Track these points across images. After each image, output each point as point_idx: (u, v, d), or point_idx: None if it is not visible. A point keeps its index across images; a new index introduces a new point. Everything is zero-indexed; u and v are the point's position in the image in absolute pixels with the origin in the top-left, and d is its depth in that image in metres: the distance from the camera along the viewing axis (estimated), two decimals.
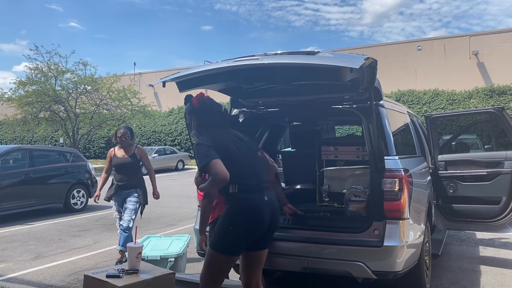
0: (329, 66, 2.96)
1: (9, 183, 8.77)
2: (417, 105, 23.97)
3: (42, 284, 4.68)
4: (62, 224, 8.41)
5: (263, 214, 2.67)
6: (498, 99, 22.33)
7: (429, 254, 4.29)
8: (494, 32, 25.12)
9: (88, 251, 6.14)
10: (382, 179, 3.33)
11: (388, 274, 3.30)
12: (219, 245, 2.68)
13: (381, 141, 3.49)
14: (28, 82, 22.99)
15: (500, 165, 4.95)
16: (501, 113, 4.98)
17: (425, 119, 5.44)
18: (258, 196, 2.69)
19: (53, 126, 26.65)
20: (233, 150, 2.73)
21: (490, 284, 4.43)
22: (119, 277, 2.90)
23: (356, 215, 3.78)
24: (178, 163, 23.21)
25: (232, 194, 2.70)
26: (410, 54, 26.43)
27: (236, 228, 2.65)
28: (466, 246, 6.06)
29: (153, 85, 26.31)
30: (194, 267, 5.24)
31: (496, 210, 4.90)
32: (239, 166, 2.71)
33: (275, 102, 4.27)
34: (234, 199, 2.71)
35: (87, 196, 10.31)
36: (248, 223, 2.65)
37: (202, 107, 2.92)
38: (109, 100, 24.38)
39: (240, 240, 2.67)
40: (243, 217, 2.66)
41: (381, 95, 3.75)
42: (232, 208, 2.71)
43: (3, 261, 5.64)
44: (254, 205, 2.67)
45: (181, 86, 3.69)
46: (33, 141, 33.78)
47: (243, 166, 2.74)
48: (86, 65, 23.71)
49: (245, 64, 3.16)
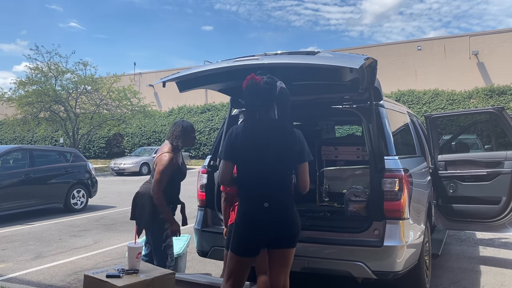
0: (329, 66, 2.96)
1: (9, 183, 8.76)
2: (417, 105, 23.98)
3: (42, 284, 4.68)
4: (62, 224, 8.41)
5: (257, 223, 2.59)
6: (498, 99, 22.34)
7: (429, 254, 4.28)
8: (494, 32, 25.13)
9: (88, 251, 6.14)
10: (382, 179, 3.33)
11: (388, 274, 3.30)
12: (231, 244, 2.72)
13: (381, 141, 3.49)
14: (28, 82, 23.01)
15: (500, 165, 4.95)
16: (501, 113, 4.98)
17: (425, 119, 5.44)
18: (257, 205, 2.59)
19: (53, 126, 26.67)
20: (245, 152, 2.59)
21: (490, 284, 4.43)
22: (119, 277, 2.90)
23: (356, 215, 3.78)
24: None
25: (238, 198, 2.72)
26: (410, 54, 26.44)
27: (238, 230, 2.68)
28: (466, 246, 6.06)
29: (153, 85, 26.35)
30: (194, 267, 5.24)
31: (496, 210, 4.90)
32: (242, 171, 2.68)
33: None
34: (239, 203, 2.73)
35: (87, 196, 10.32)
36: (245, 230, 2.64)
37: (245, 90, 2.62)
38: (109, 100, 24.40)
39: (244, 242, 2.65)
40: (241, 222, 2.67)
41: (381, 95, 3.75)
42: (237, 211, 2.73)
43: (3, 261, 5.64)
44: (248, 213, 2.63)
45: (181, 86, 3.70)
46: (33, 141, 33.78)
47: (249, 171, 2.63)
48: (86, 65, 23.77)
49: (245, 64, 3.17)
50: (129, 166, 20.90)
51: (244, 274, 2.73)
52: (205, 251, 3.95)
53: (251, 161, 2.59)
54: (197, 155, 27.78)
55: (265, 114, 2.58)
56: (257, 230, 2.60)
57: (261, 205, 2.57)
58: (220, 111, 28.61)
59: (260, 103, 2.56)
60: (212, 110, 29.34)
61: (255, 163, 2.58)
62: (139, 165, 20.96)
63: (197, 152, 27.95)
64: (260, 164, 2.57)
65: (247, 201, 2.64)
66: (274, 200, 2.58)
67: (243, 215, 2.65)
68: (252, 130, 2.56)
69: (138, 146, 28.71)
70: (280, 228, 2.60)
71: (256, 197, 2.59)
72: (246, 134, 2.57)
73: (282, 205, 2.60)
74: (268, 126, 2.57)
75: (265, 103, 2.57)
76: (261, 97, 2.54)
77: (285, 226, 2.61)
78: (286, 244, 2.65)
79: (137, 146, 28.92)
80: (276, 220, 2.58)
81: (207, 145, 27.49)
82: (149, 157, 21.73)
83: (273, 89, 2.54)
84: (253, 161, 2.58)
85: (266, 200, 2.57)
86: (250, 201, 2.62)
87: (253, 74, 2.58)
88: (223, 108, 28.34)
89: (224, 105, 28.13)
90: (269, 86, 2.54)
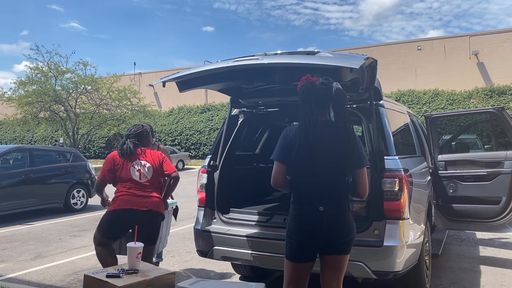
0: (329, 66, 2.96)
1: (9, 183, 8.76)
2: (417, 105, 23.98)
3: (42, 284, 4.68)
4: (62, 224, 8.41)
5: (311, 226, 2.51)
6: (498, 99, 22.34)
7: (429, 254, 4.29)
8: (494, 32, 25.13)
9: (88, 251, 6.14)
10: (382, 179, 3.33)
11: (388, 274, 3.30)
12: (285, 252, 2.64)
13: (381, 141, 3.49)
14: (28, 82, 23.02)
15: (500, 165, 4.95)
16: (501, 113, 4.98)
17: (425, 119, 5.44)
18: (311, 209, 2.50)
19: (53, 126, 26.69)
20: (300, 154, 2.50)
21: (490, 284, 4.43)
22: (119, 277, 2.90)
23: (356, 215, 3.77)
24: (178, 163, 23.21)
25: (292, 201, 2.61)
26: (410, 54, 26.45)
27: (291, 235, 2.58)
28: (466, 246, 6.06)
29: (153, 85, 26.37)
30: (194, 267, 5.24)
31: (496, 210, 4.90)
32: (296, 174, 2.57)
33: (275, 102, 4.27)
34: (292, 207, 2.61)
35: (87, 196, 10.31)
36: (299, 234, 2.55)
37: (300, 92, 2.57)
38: (109, 100, 24.40)
39: (299, 247, 2.56)
40: (294, 226, 2.57)
41: (381, 95, 3.75)
42: (290, 216, 2.61)
43: (3, 261, 5.64)
44: (302, 217, 2.54)
45: (181, 86, 3.69)
46: (33, 141, 33.78)
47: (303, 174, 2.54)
48: (86, 65, 23.80)
49: (245, 64, 3.16)
50: None
51: (304, 282, 2.62)
52: (205, 251, 3.95)
53: (306, 164, 2.50)
54: (197, 155, 27.78)
55: (321, 115, 2.51)
56: (311, 234, 2.50)
57: (316, 209, 2.48)
58: (220, 111, 28.61)
59: (316, 104, 2.48)
60: (212, 110, 29.35)
61: (310, 166, 2.49)
62: None
63: (197, 152, 27.95)
64: (316, 167, 2.48)
65: (301, 205, 2.53)
66: (330, 204, 2.49)
67: (296, 219, 2.54)
68: (307, 132, 2.46)
69: None
70: (335, 233, 2.51)
71: (311, 201, 2.50)
72: (301, 136, 2.47)
73: (337, 210, 2.51)
74: (324, 128, 2.48)
75: (321, 105, 2.50)
76: (317, 98, 2.47)
77: (340, 231, 2.52)
78: (340, 250, 2.57)
79: None
80: (331, 225, 2.49)
81: (207, 145, 27.49)
82: None
83: (329, 90, 2.47)
84: (308, 164, 2.49)
85: (321, 204, 2.48)
86: (305, 204, 2.52)
87: (308, 75, 2.53)
88: (223, 108, 28.34)
89: (224, 105, 28.13)
90: (325, 87, 2.48)
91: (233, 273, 4.76)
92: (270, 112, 4.37)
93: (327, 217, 2.48)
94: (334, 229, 2.51)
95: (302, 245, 2.55)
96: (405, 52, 26.61)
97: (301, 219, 2.53)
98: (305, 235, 2.53)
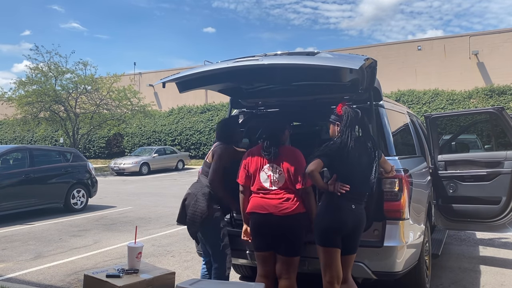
0: (329, 66, 2.96)
1: (9, 183, 8.77)
2: (417, 105, 23.97)
3: (42, 284, 4.68)
4: (62, 224, 8.42)
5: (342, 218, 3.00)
6: (498, 99, 22.33)
7: (429, 254, 4.29)
8: (494, 32, 25.13)
9: (88, 251, 6.15)
10: (382, 179, 3.33)
11: (388, 274, 3.31)
12: (316, 238, 3.07)
13: (381, 142, 3.49)
14: (28, 82, 23.00)
15: (500, 165, 4.95)
16: (501, 113, 4.98)
17: (425, 119, 5.44)
18: (346, 205, 3.02)
19: (53, 126, 26.67)
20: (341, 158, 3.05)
21: (490, 284, 4.43)
22: (119, 277, 2.90)
23: None
24: (178, 163, 23.23)
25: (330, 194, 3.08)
26: (410, 54, 26.44)
27: (322, 221, 3.03)
28: (466, 246, 6.06)
29: (153, 85, 26.35)
30: (194, 267, 5.24)
31: (496, 210, 4.90)
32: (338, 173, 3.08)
33: (275, 102, 4.27)
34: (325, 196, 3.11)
35: (87, 196, 10.32)
36: (330, 219, 3.01)
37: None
38: (109, 100, 24.39)
39: (329, 230, 3.00)
40: (326, 212, 3.05)
41: (381, 96, 3.75)
42: (323, 203, 3.12)
43: (3, 261, 5.65)
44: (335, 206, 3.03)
45: (181, 86, 3.69)
46: (33, 141, 33.77)
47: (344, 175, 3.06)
48: (86, 65, 23.76)
49: (245, 65, 3.16)
50: (129, 166, 20.90)
51: (339, 267, 3.01)
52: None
53: (345, 168, 3.03)
54: (197, 155, 27.78)
55: (354, 132, 3.12)
56: (340, 223, 2.98)
57: (349, 206, 3.01)
58: (220, 111, 28.59)
59: (352, 125, 3.11)
60: (212, 110, 29.33)
61: (349, 170, 3.03)
62: (139, 165, 20.95)
63: (197, 152, 27.95)
64: (352, 171, 3.03)
65: (339, 198, 2.99)
66: (358, 204, 3.05)
67: (330, 205, 3.03)
68: (347, 144, 3.04)
69: (138, 146, 28.70)
70: (356, 229, 3.05)
71: (347, 198, 3.00)
72: (342, 146, 3.03)
73: (362, 210, 3.08)
74: (356, 142, 3.07)
75: (353, 125, 3.13)
76: (354, 121, 3.11)
77: (360, 229, 3.09)
78: (352, 248, 3.09)
79: (137, 146, 28.91)
80: (356, 222, 3.04)
81: (207, 145, 27.48)
82: (149, 157, 21.74)
83: (358, 115, 3.14)
84: (347, 168, 3.03)
85: (353, 203, 3.02)
86: (342, 199, 3.00)
87: (345, 102, 3.23)
88: (223, 108, 28.33)
89: (224, 105, 28.12)
90: (356, 114, 3.14)
91: (233, 273, 4.76)
92: (270, 112, 4.38)
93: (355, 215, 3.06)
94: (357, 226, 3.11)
95: (333, 228, 3.04)
96: (405, 52, 26.60)
97: (335, 207, 3.06)
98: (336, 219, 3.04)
